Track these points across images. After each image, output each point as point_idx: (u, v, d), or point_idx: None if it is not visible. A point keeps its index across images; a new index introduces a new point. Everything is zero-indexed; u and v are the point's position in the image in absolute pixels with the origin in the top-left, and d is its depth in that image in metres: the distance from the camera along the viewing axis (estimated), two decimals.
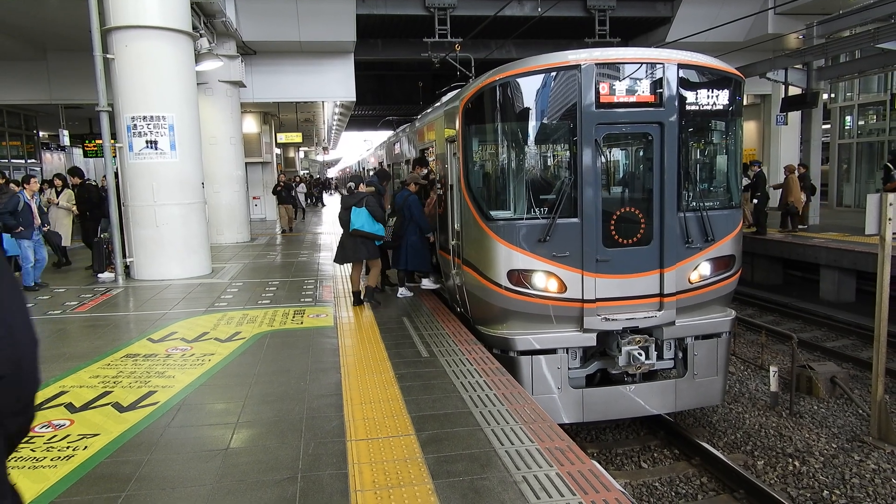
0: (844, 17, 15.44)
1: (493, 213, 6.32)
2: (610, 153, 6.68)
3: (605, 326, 6.23)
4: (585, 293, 6.17)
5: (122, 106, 10.05)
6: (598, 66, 6.04)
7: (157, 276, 10.28)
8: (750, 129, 21.78)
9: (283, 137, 29.10)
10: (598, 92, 6.05)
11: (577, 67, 6.02)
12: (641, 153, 6.69)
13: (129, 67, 9.93)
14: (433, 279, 9.14)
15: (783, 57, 16.32)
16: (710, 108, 6.42)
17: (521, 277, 6.15)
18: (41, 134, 24.47)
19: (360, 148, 53.22)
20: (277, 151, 31.88)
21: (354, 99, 19.19)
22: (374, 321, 7.34)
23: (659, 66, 6.17)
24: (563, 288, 6.15)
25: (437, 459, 3.78)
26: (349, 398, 4.83)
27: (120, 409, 4.73)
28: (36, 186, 10.36)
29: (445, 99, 8.81)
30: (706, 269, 6.48)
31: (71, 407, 4.77)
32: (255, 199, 23.94)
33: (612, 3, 17.43)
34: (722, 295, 6.69)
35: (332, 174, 65.76)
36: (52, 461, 3.84)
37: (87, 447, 4.03)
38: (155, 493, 3.46)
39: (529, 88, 6.22)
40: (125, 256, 10.39)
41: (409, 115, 18.22)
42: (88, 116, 21.93)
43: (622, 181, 7.07)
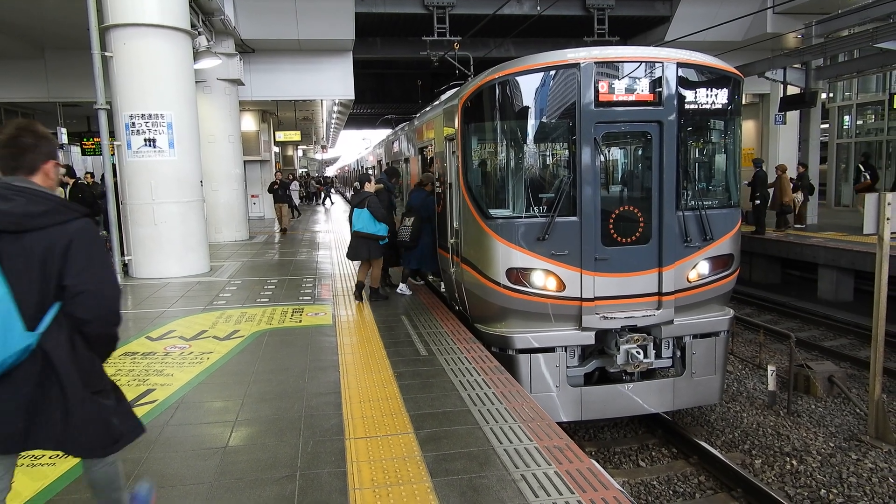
0: (843, 16, 15.44)
1: (492, 211, 6.32)
2: (609, 152, 6.68)
3: (603, 325, 6.24)
4: (584, 292, 6.17)
5: (120, 104, 10.04)
6: (597, 64, 6.04)
7: (155, 274, 10.27)
8: (748, 128, 21.78)
9: (281, 136, 29.07)
10: (597, 91, 6.05)
11: (576, 66, 6.02)
12: (640, 152, 6.69)
13: (127, 65, 9.91)
14: (408, 285, 9.09)
15: (782, 56, 16.33)
16: (709, 107, 6.42)
17: (519, 276, 6.15)
18: None
19: (358, 146, 53.24)
20: (276, 150, 31.87)
21: (353, 97, 19.18)
22: (372, 319, 7.34)
23: (658, 64, 6.17)
24: (561, 286, 6.15)
25: (435, 458, 3.78)
26: (348, 396, 4.83)
27: None
28: None
29: (444, 97, 8.80)
30: (705, 267, 6.49)
31: None
32: (253, 197, 23.93)
33: (611, 1, 17.42)
34: (720, 294, 6.70)
35: (330, 172, 65.74)
36: (50, 459, 3.83)
37: None
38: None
39: (528, 87, 6.22)
40: (123, 255, 10.39)
41: (407, 113, 18.21)
42: (86, 114, 21.88)
43: (621, 180, 7.07)
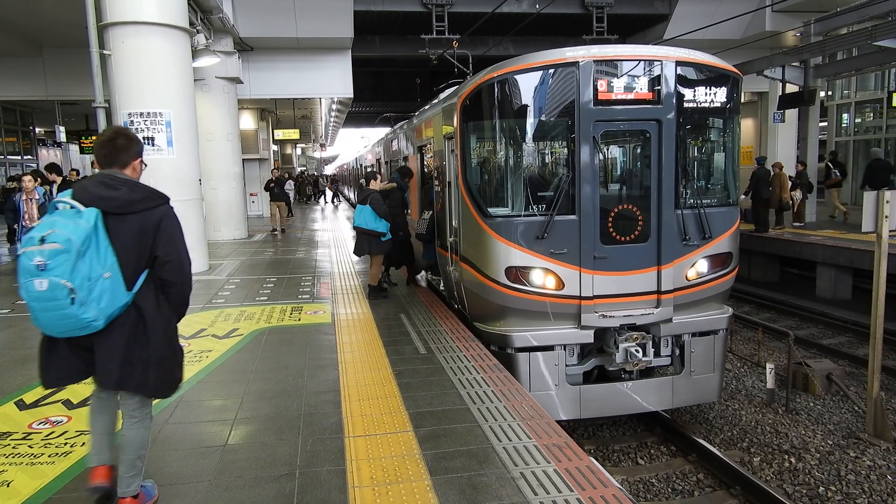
0: (842, 14, 15.44)
1: (491, 210, 6.32)
2: (608, 150, 6.68)
3: (602, 323, 6.24)
4: (583, 290, 6.18)
5: (118, 102, 10.01)
6: (595, 63, 6.04)
7: None
8: (747, 126, 21.79)
9: (280, 134, 29.06)
10: (595, 89, 6.05)
11: (574, 64, 6.01)
12: (639, 150, 6.69)
13: (125, 63, 9.89)
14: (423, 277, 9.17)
15: (780, 54, 16.33)
16: (707, 105, 6.42)
17: (518, 274, 6.15)
18: (37, 130, 24.40)
19: (357, 144, 53.23)
20: (275, 148, 31.86)
21: (352, 95, 19.17)
22: (371, 318, 7.34)
23: (657, 63, 6.17)
24: (560, 285, 6.16)
25: (435, 456, 3.79)
26: (347, 395, 4.83)
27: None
28: (31, 184, 9.22)
29: (443, 96, 8.79)
30: (703, 266, 6.49)
31: (68, 403, 4.77)
32: (252, 195, 23.92)
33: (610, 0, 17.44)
34: (719, 292, 6.70)
35: (329, 171, 65.73)
36: (49, 458, 3.84)
37: (84, 444, 4.02)
38: None
39: (527, 85, 6.22)
40: None
41: (406, 111, 18.18)
42: (85, 113, 21.89)
43: (620, 178, 7.07)
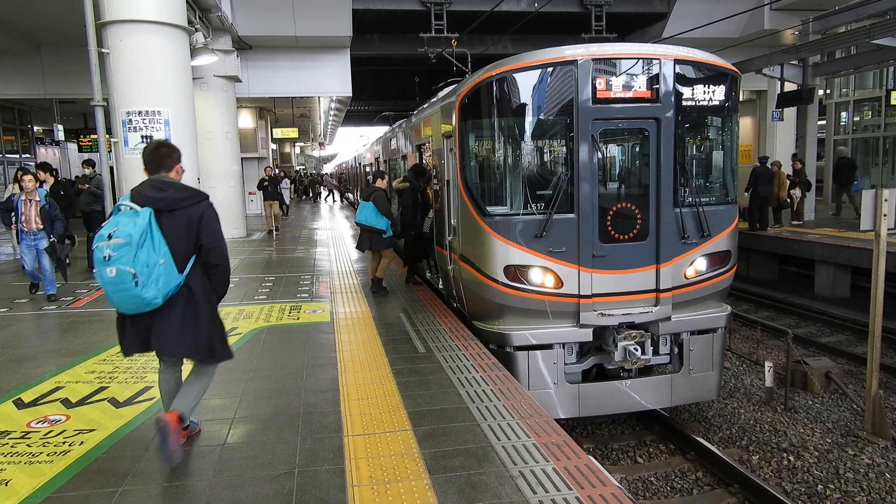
0: (840, 12, 15.46)
1: (489, 208, 6.32)
2: (606, 149, 6.68)
3: (601, 322, 6.25)
4: (582, 288, 6.18)
5: (116, 101, 10.01)
6: (594, 61, 6.04)
7: None
8: (746, 125, 21.80)
9: (278, 133, 29.03)
10: (594, 87, 6.05)
11: (573, 63, 6.01)
12: (638, 149, 6.69)
13: (123, 62, 9.88)
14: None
15: (779, 53, 16.34)
16: (706, 103, 6.42)
17: (517, 273, 6.15)
18: (36, 129, 24.36)
19: (356, 143, 53.17)
20: (273, 147, 31.82)
21: (350, 94, 19.17)
22: (370, 317, 7.34)
23: (655, 61, 6.17)
24: (559, 283, 6.16)
25: (433, 454, 3.79)
26: (346, 394, 4.83)
27: (116, 404, 4.72)
28: (31, 185, 8.39)
29: (442, 94, 8.78)
30: (702, 264, 6.50)
31: (67, 402, 4.77)
32: (250, 194, 23.88)
33: None
34: (718, 290, 6.71)
35: (327, 169, 65.68)
36: (48, 456, 3.83)
37: (83, 442, 4.03)
38: (152, 488, 3.46)
39: (526, 84, 6.21)
40: None
41: (405, 110, 18.18)
42: (83, 111, 21.87)
43: (618, 177, 7.07)
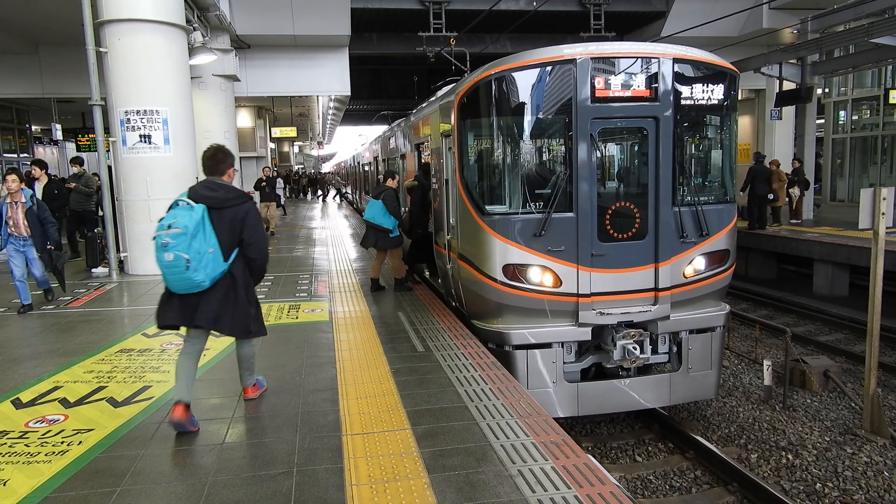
0: (839, 11, 15.46)
1: (488, 207, 6.32)
2: (605, 148, 6.68)
3: (600, 321, 6.25)
4: (580, 287, 6.18)
5: (115, 100, 9.99)
6: (593, 60, 6.04)
7: (151, 270, 10.18)
8: (744, 123, 21.80)
9: (277, 132, 29.01)
10: (593, 86, 6.05)
11: (572, 62, 6.01)
12: (636, 148, 6.69)
13: (121, 61, 9.86)
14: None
15: (777, 52, 16.35)
16: (705, 102, 6.43)
17: (516, 272, 6.15)
18: (34, 128, 24.32)
19: (355, 142, 53.19)
20: (272, 146, 31.80)
21: (349, 93, 19.14)
22: (369, 316, 7.34)
23: (654, 60, 6.17)
24: (558, 282, 6.16)
25: (432, 454, 3.78)
26: (344, 393, 4.83)
27: (115, 404, 4.72)
28: (14, 185, 7.58)
29: (440, 93, 8.78)
30: (701, 263, 6.50)
31: (65, 402, 4.76)
32: (249, 193, 23.85)
33: None
34: (716, 289, 6.71)
35: (325, 168, 65.66)
36: (46, 456, 3.83)
37: (81, 442, 4.03)
38: (150, 487, 3.46)
39: (525, 83, 6.21)
40: (119, 251, 10.35)
41: (404, 109, 18.20)
42: (81, 110, 21.81)
43: (617, 176, 7.07)
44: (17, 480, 3.53)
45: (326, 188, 40.98)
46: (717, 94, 6.44)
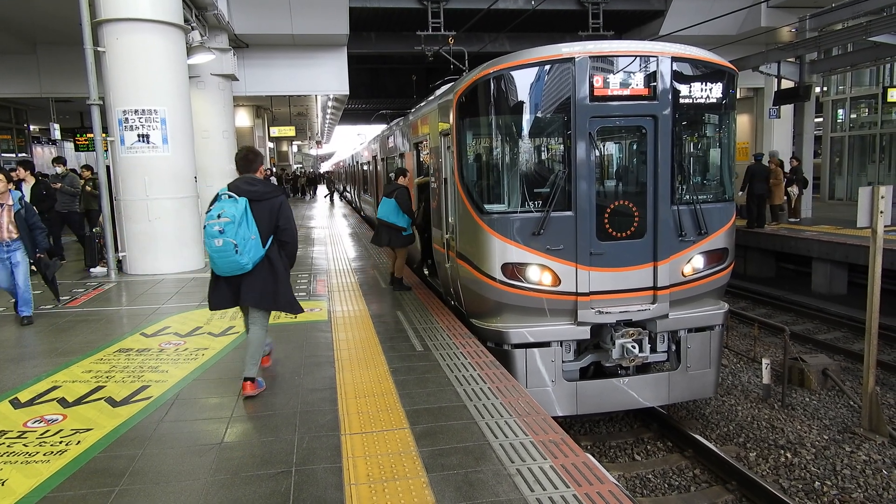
0: (837, 10, 15.47)
1: (487, 206, 6.31)
2: (604, 146, 6.68)
3: (598, 319, 6.25)
4: (579, 286, 6.18)
5: (113, 99, 9.97)
6: (591, 59, 6.04)
7: (149, 270, 10.23)
8: (743, 122, 21.81)
9: (276, 131, 29.00)
10: (591, 85, 6.05)
11: (570, 60, 6.01)
12: (635, 146, 6.69)
13: (119, 60, 9.85)
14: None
15: (776, 50, 16.35)
16: (703, 101, 6.43)
17: (515, 271, 6.15)
18: (32, 128, 24.29)
19: (353, 141, 53.16)
20: (270, 145, 31.79)
21: (348, 92, 19.12)
22: (367, 315, 7.34)
23: (653, 59, 6.17)
24: (557, 281, 6.16)
25: (431, 453, 3.78)
26: (343, 392, 4.83)
27: (113, 403, 4.71)
28: (2, 187, 6.94)
29: (439, 92, 8.77)
30: (699, 262, 6.50)
31: (64, 402, 4.75)
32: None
33: None
34: (715, 288, 6.71)
35: (324, 167, 65.60)
36: (44, 456, 3.82)
37: (80, 442, 4.02)
38: (149, 487, 3.46)
39: (523, 81, 6.20)
40: (117, 251, 10.34)
41: (402, 108, 18.18)
42: (80, 110, 21.78)
43: (616, 174, 7.07)
44: (15, 480, 3.53)
45: (333, 187, 36.98)
46: (715, 92, 6.44)
